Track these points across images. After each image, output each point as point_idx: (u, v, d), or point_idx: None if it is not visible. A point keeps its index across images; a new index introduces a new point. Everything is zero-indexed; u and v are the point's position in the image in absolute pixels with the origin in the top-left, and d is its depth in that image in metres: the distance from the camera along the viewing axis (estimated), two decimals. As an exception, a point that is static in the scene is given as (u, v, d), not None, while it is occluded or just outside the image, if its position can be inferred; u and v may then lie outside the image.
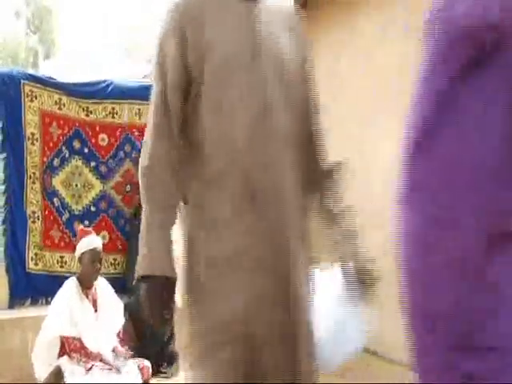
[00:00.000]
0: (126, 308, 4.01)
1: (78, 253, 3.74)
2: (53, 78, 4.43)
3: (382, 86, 4.11)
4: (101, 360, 3.52)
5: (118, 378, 3.43)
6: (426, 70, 1.31)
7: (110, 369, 3.49)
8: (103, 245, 4.44)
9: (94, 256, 3.67)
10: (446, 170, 1.25)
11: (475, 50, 1.20)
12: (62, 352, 3.51)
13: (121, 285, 4.29)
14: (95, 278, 3.71)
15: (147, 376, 3.62)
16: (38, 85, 4.31)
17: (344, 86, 4.58)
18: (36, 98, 4.29)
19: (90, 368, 3.44)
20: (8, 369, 3.58)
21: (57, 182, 4.36)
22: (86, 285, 3.68)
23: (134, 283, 4.34)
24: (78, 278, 3.70)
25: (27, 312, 3.91)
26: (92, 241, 3.74)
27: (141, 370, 3.58)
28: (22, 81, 4.26)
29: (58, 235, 4.28)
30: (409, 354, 1.35)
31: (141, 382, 3.53)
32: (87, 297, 3.67)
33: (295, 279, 1.58)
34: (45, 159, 4.31)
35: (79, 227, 3.97)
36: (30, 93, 4.27)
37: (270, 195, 1.55)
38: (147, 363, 3.66)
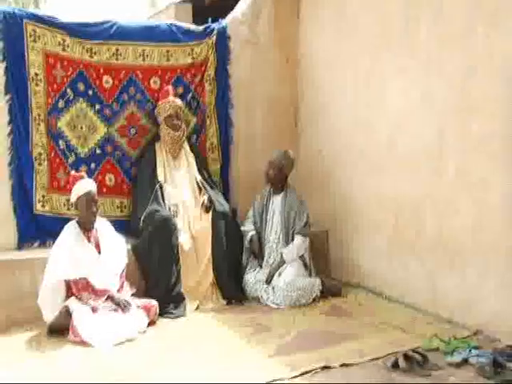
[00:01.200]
0: (134, 250, 4.06)
1: (73, 198, 3.75)
2: (56, 18, 4.32)
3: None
4: (107, 298, 3.58)
5: (124, 318, 3.50)
6: None
7: (116, 309, 3.56)
8: (109, 188, 4.46)
9: (88, 199, 3.69)
10: None
11: None
12: (70, 293, 3.58)
13: (127, 227, 4.32)
14: (94, 221, 3.74)
15: (154, 316, 3.69)
16: (41, 25, 4.21)
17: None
18: (39, 38, 4.21)
19: (97, 308, 3.51)
20: (19, 308, 3.65)
21: (62, 123, 4.33)
22: (85, 228, 3.72)
23: (140, 225, 4.38)
24: (78, 222, 3.73)
25: (36, 253, 3.94)
26: (85, 185, 3.74)
27: (147, 309, 3.65)
28: (25, 20, 4.16)
29: (64, 178, 4.28)
30: None
31: (147, 321, 3.61)
32: (89, 239, 3.71)
33: None
34: (49, 100, 4.27)
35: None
36: (32, 32, 4.18)
37: None
38: (154, 303, 3.72)
